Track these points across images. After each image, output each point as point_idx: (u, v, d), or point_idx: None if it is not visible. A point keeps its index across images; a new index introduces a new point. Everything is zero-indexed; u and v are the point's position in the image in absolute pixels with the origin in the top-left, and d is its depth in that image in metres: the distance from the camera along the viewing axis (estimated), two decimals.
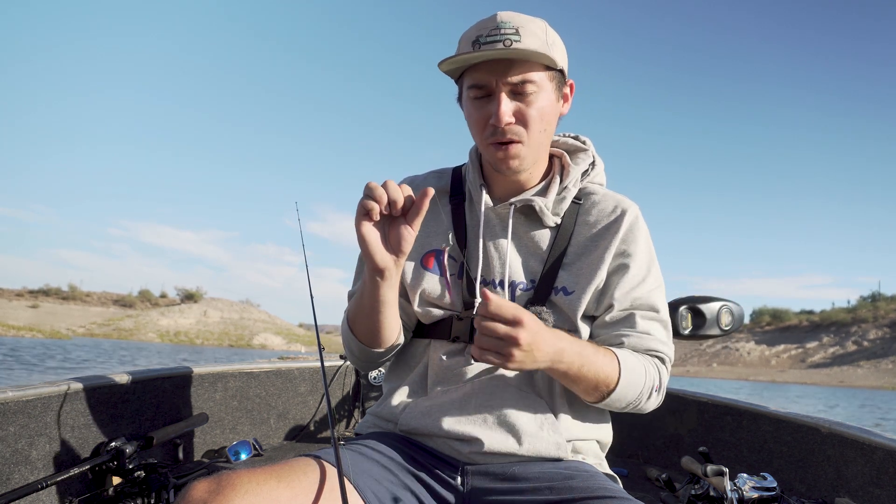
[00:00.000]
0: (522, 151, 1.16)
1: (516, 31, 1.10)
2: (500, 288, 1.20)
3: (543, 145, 1.20)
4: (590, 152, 1.31)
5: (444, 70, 1.17)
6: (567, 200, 1.24)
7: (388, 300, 1.13)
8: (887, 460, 1.75)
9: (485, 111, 1.14)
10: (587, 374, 1.08)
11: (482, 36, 1.11)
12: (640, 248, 1.22)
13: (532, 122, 1.14)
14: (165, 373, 2.14)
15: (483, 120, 1.15)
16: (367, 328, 1.18)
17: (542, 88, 1.14)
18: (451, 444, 1.14)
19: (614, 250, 1.20)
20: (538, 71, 1.13)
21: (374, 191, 1.02)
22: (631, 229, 1.22)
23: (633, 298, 1.20)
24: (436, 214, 1.28)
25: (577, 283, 1.19)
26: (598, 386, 1.10)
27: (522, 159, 1.17)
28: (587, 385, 1.10)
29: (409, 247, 1.07)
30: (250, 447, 2.27)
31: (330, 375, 2.89)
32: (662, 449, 2.69)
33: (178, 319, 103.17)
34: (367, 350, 1.21)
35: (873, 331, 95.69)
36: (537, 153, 1.20)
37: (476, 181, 1.26)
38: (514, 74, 1.11)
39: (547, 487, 1.05)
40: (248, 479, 0.92)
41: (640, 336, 1.18)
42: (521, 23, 1.12)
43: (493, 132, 1.14)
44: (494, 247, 1.23)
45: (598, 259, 1.20)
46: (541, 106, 1.14)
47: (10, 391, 1.53)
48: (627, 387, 1.12)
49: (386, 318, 1.15)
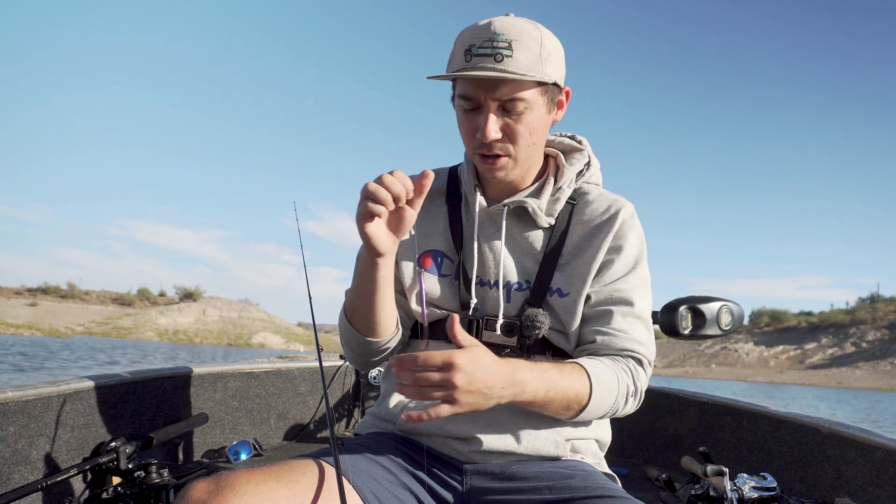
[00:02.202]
0: (509, 164, 1.16)
1: (509, 44, 1.07)
2: (494, 288, 1.20)
3: (533, 156, 1.20)
4: (585, 152, 1.30)
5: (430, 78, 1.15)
6: (561, 201, 1.23)
7: (386, 278, 1.13)
8: (887, 460, 1.75)
9: (473, 123, 1.13)
10: (555, 398, 1.05)
11: (475, 46, 1.08)
12: (629, 244, 1.21)
13: (520, 138, 1.12)
14: (165, 373, 2.14)
15: (471, 131, 1.14)
16: (365, 315, 1.16)
17: (533, 105, 1.11)
18: (450, 443, 1.14)
19: (606, 247, 1.19)
20: (529, 88, 1.10)
21: (376, 193, 1.01)
22: (622, 226, 1.21)
23: (613, 290, 1.18)
24: (433, 215, 1.28)
25: (573, 285, 1.18)
26: (569, 405, 1.07)
27: (508, 171, 1.17)
28: (557, 407, 1.07)
29: (409, 227, 1.08)
30: (250, 447, 2.27)
31: (330, 375, 2.89)
32: (662, 449, 2.70)
33: (176, 318, 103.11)
34: (365, 341, 1.19)
35: (872, 332, 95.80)
36: (525, 164, 1.19)
37: (470, 182, 1.26)
38: (503, 93, 1.08)
39: (546, 487, 1.05)
40: (247, 480, 0.92)
41: (615, 334, 1.15)
42: (516, 35, 1.08)
43: (480, 145, 1.13)
44: (489, 248, 1.23)
45: (591, 258, 1.19)
46: (530, 121, 1.12)
47: (10, 391, 1.53)
48: (601, 400, 1.09)
49: (384, 301, 1.15)
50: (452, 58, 1.14)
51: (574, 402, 1.07)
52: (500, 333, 1.18)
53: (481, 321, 1.19)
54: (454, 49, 1.15)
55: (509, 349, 1.18)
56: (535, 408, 1.07)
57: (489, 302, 1.21)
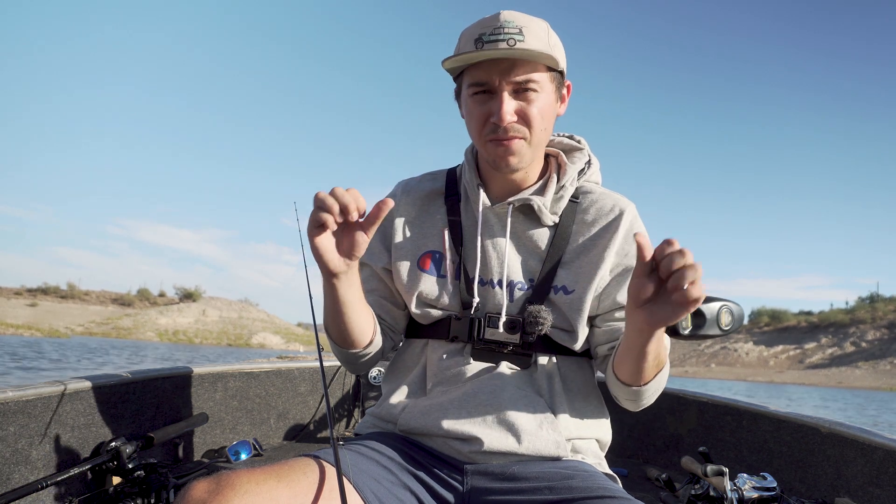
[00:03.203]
0: (524, 148, 1.16)
1: (520, 30, 1.10)
2: (498, 287, 1.20)
3: (542, 144, 1.20)
4: (585, 151, 1.31)
5: (446, 68, 1.17)
6: (565, 199, 1.24)
7: (349, 300, 1.12)
8: (887, 460, 1.75)
9: (486, 108, 1.14)
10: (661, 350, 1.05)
11: (485, 34, 1.11)
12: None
13: (534, 121, 1.14)
14: (165, 373, 2.14)
15: (484, 117, 1.14)
16: (337, 329, 1.17)
17: (544, 89, 1.14)
18: (451, 443, 1.14)
19: (615, 249, 1.20)
20: (541, 71, 1.13)
21: (324, 201, 0.98)
22: (631, 230, 1.22)
23: None
24: (431, 215, 1.28)
25: (578, 283, 1.19)
26: (659, 362, 1.08)
27: (522, 156, 1.16)
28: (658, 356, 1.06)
29: (361, 251, 1.04)
30: (250, 447, 2.27)
31: (330, 376, 2.89)
32: (662, 449, 2.70)
33: (176, 318, 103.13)
34: (343, 350, 1.21)
35: (871, 332, 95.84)
36: (536, 152, 1.19)
37: (473, 180, 1.25)
38: (517, 74, 1.11)
39: (546, 487, 1.05)
40: (248, 479, 0.92)
41: None
42: (525, 23, 1.12)
43: (494, 129, 1.13)
44: (493, 246, 1.22)
45: (597, 257, 1.19)
46: (542, 106, 1.14)
47: (10, 391, 1.53)
48: (664, 373, 1.12)
49: (351, 319, 1.15)
50: (459, 51, 1.15)
51: (662, 359, 1.08)
52: (503, 331, 1.17)
53: (483, 319, 1.19)
54: (460, 44, 1.17)
55: (511, 346, 1.18)
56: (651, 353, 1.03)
57: (491, 301, 1.21)
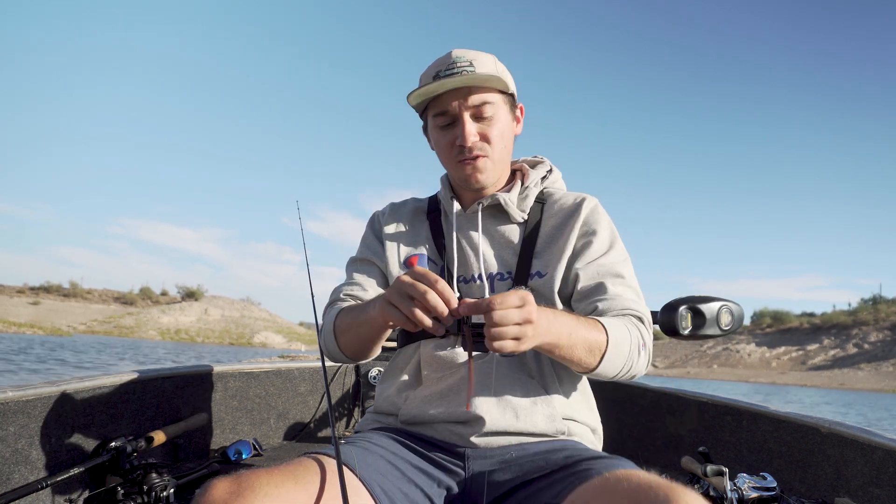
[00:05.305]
0: (488, 165, 1.30)
1: (470, 62, 1.26)
2: (479, 281, 1.30)
3: (504, 161, 1.34)
4: (547, 163, 1.45)
5: (412, 103, 1.31)
6: (530, 198, 1.36)
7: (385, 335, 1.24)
8: (887, 460, 1.75)
9: (451, 135, 1.28)
10: (577, 342, 1.09)
11: (441, 70, 1.26)
12: (601, 226, 1.31)
13: (494, 140, 1.28)
14: (165, 373, 2.14)
15: (450, 143, 1.29)
16: (359, 348, 1.27)
17: (499, 109, 1.29)
18: (453, 427, 1.20)
19: (578, 232, 1.30)
20: (494, 93, 1.27)
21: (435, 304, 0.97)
22: (591, 213, 1.33)
23: (599, 266, 1.27)
24: (416, 228, 1.42)
25: (549, 266, 1.28)
26: (591, 349, 1.11)
27: (488, 173, 1.30)
28: (581, 352, 1.10)
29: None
30: (250, 447, 2.28)
31: (330, 375, 2.90)
32: (662, 449, 2.69)
33: (178, 317, 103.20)
34: (346, 360, 1.33)
35: (874, 333, 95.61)
36: (500, 168, 1.33)
37: (447, 195, 1.40)
38: (473, 98, 1.25)
39: (543, 460, 1.13)
40: (267, 481, 0.94)
41: (613, 299, 1.23)
42: (474, 56, 1.28)
43: (461, 151, 1.28)
44: (468, 243, 1.34)
45: (565, 243, 1.29)
46: (500, 125, 1.29)
47: (10, 391, 1.54)
48: (617, 346, 1.14)
49: (376, 349, 1.28)
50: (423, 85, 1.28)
51: (595, 347, 1.11)
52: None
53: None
54: (420, 83, 1.31)
55: None
56: (560, 352, 1.09)
57: (475, 294, 1.29)
